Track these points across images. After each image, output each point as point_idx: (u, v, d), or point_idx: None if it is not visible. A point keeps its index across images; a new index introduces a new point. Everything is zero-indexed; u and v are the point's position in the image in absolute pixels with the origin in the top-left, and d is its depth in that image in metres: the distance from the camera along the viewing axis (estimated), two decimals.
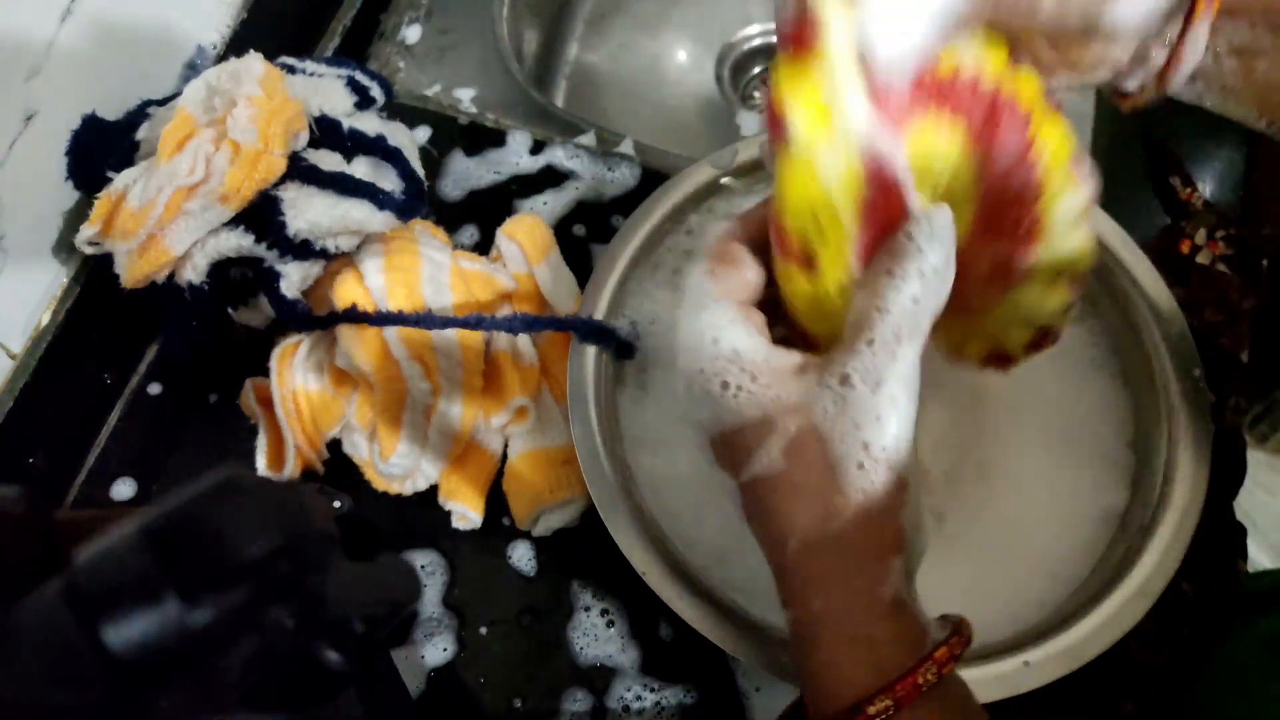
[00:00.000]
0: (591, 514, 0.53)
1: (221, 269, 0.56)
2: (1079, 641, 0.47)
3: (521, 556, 0.58)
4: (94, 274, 0.60)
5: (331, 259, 0.59)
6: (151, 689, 0.22)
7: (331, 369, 0.59)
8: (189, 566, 0.22)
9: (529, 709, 0.55)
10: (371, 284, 0.57)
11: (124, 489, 0.61)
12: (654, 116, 0.88)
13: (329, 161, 0.58)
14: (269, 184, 0.54)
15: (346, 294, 0.57)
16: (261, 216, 0.55)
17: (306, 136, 0.58)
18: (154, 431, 0.63)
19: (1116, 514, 0.53)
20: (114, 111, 0.59)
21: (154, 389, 0.64)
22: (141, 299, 0.57)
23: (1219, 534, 0.55)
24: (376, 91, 0.63)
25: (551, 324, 0.57)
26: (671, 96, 0.89)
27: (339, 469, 0.60)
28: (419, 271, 0.58)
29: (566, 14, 0.89)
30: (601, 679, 0.55)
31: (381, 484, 0.59)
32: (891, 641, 0.34)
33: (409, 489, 0.59)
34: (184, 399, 0.63)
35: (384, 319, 0.55)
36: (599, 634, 0.56)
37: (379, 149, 0.60)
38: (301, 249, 0.56)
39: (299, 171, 0.56)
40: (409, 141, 0.63)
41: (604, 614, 0.56)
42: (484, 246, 0.67)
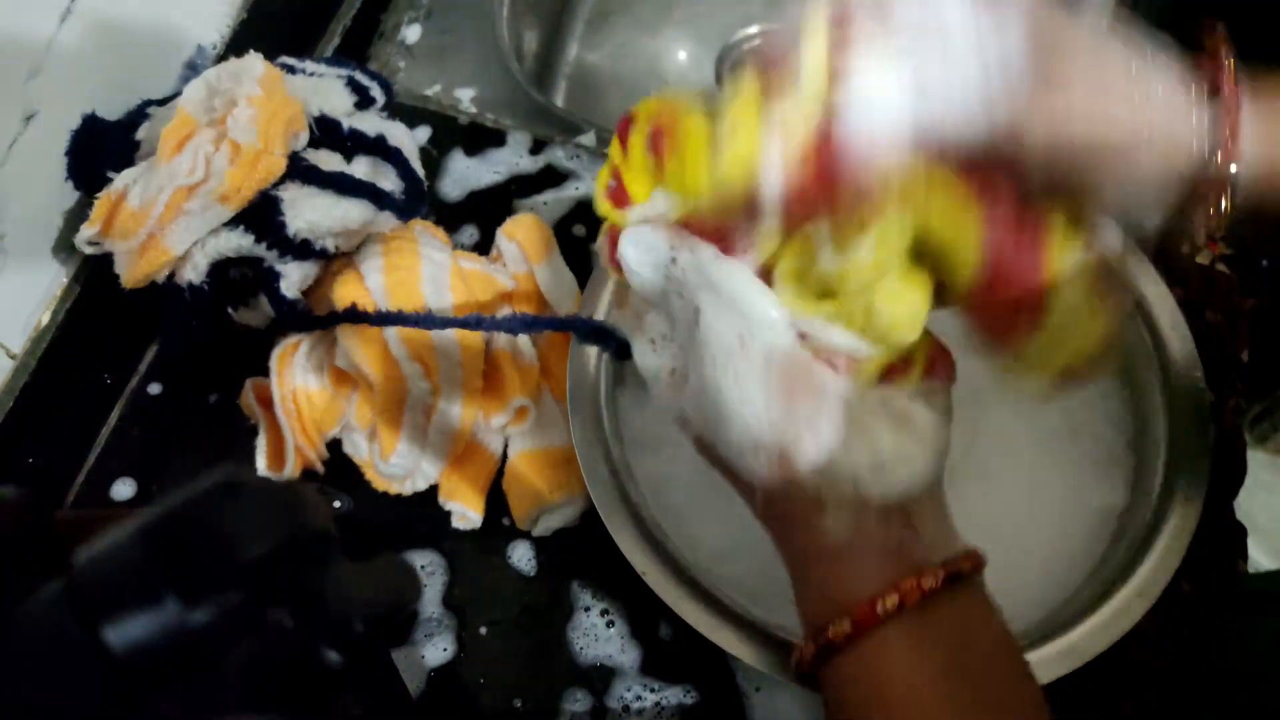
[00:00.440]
0: (591, 514, 0.53)
1: (221, 269, 0.56)
2: (1079, 641, 0.47)
3: (521, 556, 0.58)
4: (94, 274, 0.60)
5: (331, 259, 0.59)
6: (151, 689, 0.22)
7: (331, 369, 0.59)
8: (189, 567, 0.22)
9: (529, 709, 0.55)
10: (371, 284, 0.57)
11: (124, 489, 0.61)
12: None
13: (329, 161, 0.58)
14: (269, 184, 0.54)
15: (346, 294, 0.57)
16: (261, 216, 0.55)
17: (306, 136, 0.58)
18: (154, 431, 0.63)
19: (1116, 514, 0.53)
20: (114, 111, 0.59)
21: (154, 389, 0.64)
22: (141, 299, 0.57)
23: (1219, 534, 0.55)
24: (376, 91, 0.63)
25: (551, 324, 0.57)
26: None
27: (339, 469, 0.60)
28: (419, 271, 0.58)
29: (566, 14, 0.89)
30: (601, 679, 0.55)
31: (381, 484, 0.59)
32: (840, 580, 0.37)
33: (409, 489, 0.59)
34: (184, 399, 0.63)
35: (384, 319, 0.55)
36: (599, 634, 0.56)
37: (379, 149, 0.60)
38: (301, 249, 0.56)
39: (299, 171, 0.56)
40: (409, 141, 0.63)
41: (604, 614, 0.56)
42: (484, 246, 0.66)
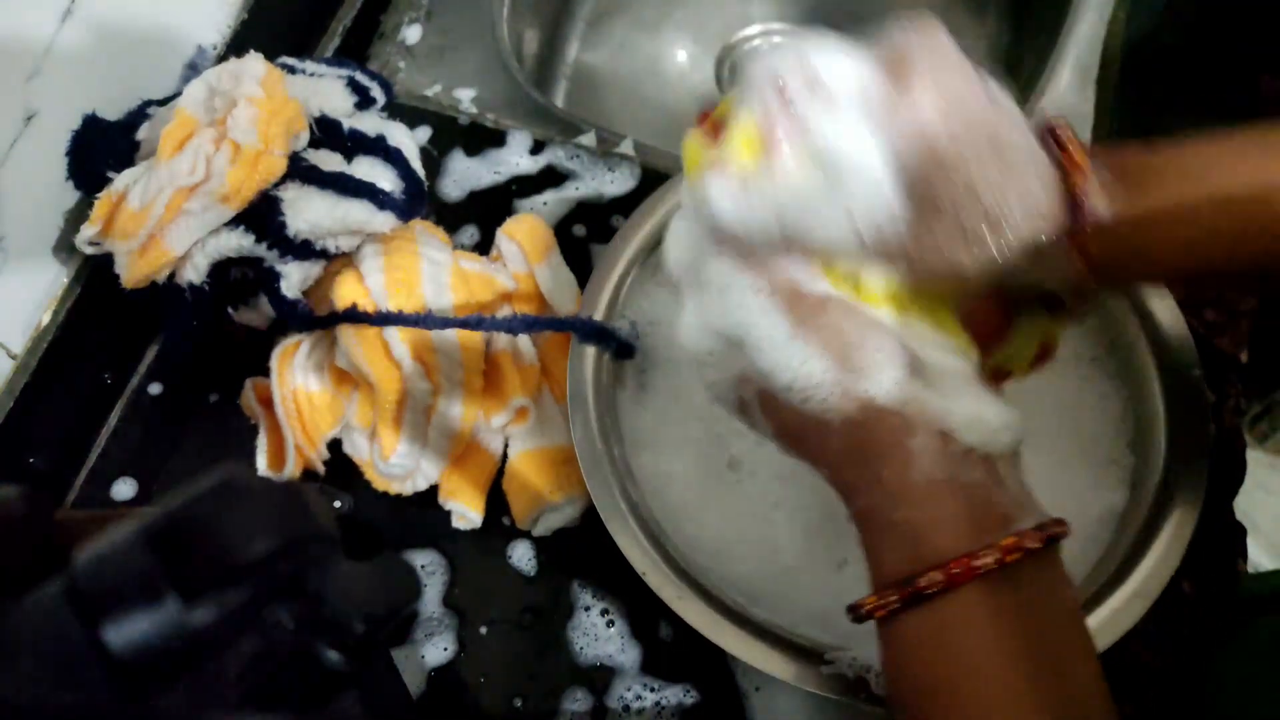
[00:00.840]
0: (591, 514, 0.53)
1: (222, 269, 0.56)
2: None
3: (521, 556, 0.58)
4: (94, 274, 0.60)
5: (332, 259, 0.59)
6: (152, 689, 0.22)
7: (332, 369, 0.59)
8: (189, 566, 0.22)
9: (529, 709, 0.55)
10: (372, 284, 0.57)
11: (124, 489, 0.61)
12: (654, 116, 0.88)
13: (329, 162, 0.58)
14: (269, 184, 0.54)
15: (347, 294, 0.57)
16: (262, 217, 0.55)
17: (307, 137, 0.58)
18: (154, 431, 0.63)
19: (1116, 514, 0.53)
20: (114, 112, 0.59)
21: (154, 389, 0.64)
22: (142, 299, 0.57)
23: (1219, 534, 0.55)
24: (377, 92, 0.63)
25: (551, 324, 0.57)
26: (671, 96, 0.89)
27: (339, 469, 0.60)
28: (419, 271, 0.58)
29: (566, 14, 0.89)
30: (601, 679, 0.55)
31: (381, 484, 0.59)
32: (931, 524, 0.32)
33: (409, 489, 0.59)
34: (184, 399, 0.64)
35: (384, 319, 0.55)
36: (599, 634, 0.56)
37: (379, 149, 0.60)
38: (302, 249, 0.56)
39: (299, 172, 0.56)
40: (409, 141, 0.63)
41: (604, 614, 0.56)
42: (484, 246, 0.66)
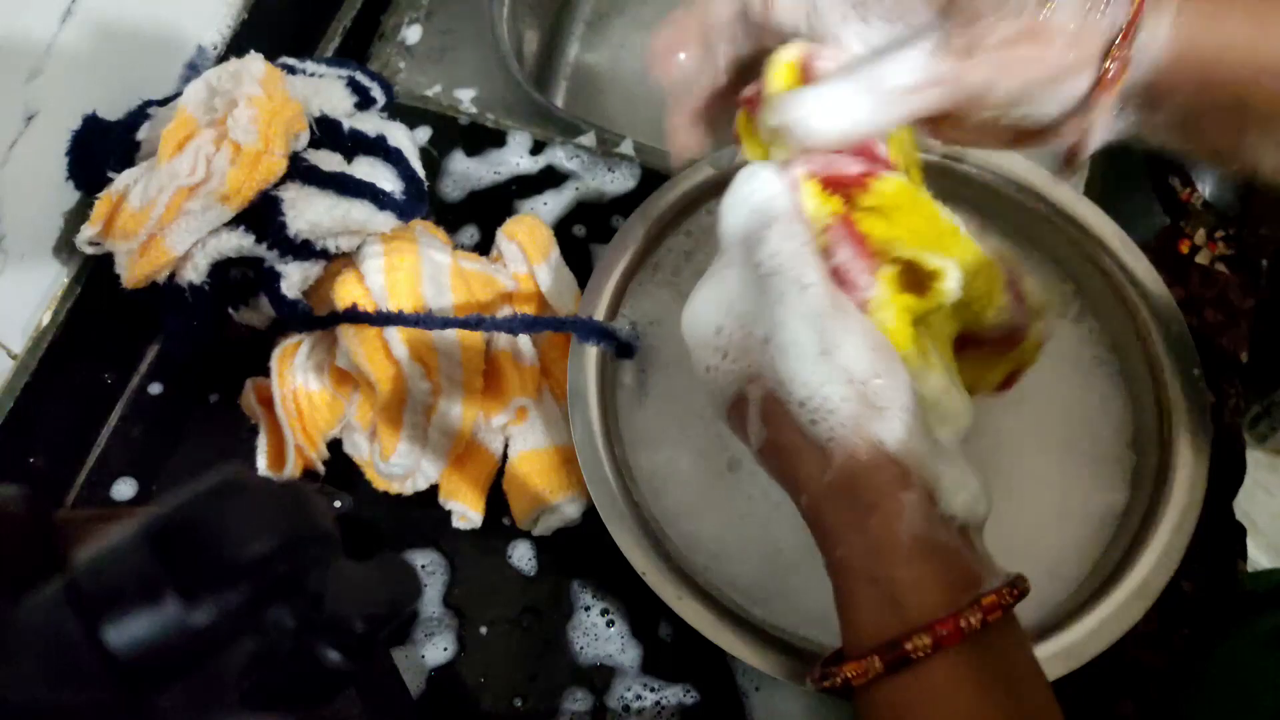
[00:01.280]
0: (591, 514, 0.53)
1: (222, 269, 0.56)
2: (1078, 641, 0.47)
3: (521, 556, 0.58)
4: (94, 274, 0.60)
5: (332, 259, 0.59)
6: (152, 689, 0.22)
7: (332, 369, 0.59)
8: (189, 566, 0.22)
9: (529, 709, 0.55)
10: (372, 284, 0.57)
11: (124, 489, 0.61)
12: (654, 116, 0.88)
13: (329, 162, 0.58)
14: (269, 184, 0.54)
15: (347, 294, 0.57)
16: (262, 217, 0.55)
17: (307, 137, 0.58)
18: (154, 431, 0.63)
19: (1116, 514, 0.53)
20: (114, 112, 0.59)
21: (154, 389, 0.64)
22: (142, 299, 0.57)
23: (1219, 534, 0.55)
24: (377, 92, 0.63)
25: (551, 324, 0.57)
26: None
27: (339, 469, 0.60)
28: (419, 271, 0.58)
29: (566, 14, 0.89)
30: (601, 679, 0.55)
31: (382, 484, 0.59)
32: (913, 585, 0.33)
33: (409, 489, 0.59)
34: (184, 399, 0.64)
35: (384, 319, 0.55)
36: (599, 634, 0.56)
37: (379, 149, 0.60)
38: (302, 249, 0.56)
39: (299, 172, 0.56)
40: (409, 142, 0.63)
41: (604, 614, 0.57)
42: (484, 247, 0.66)
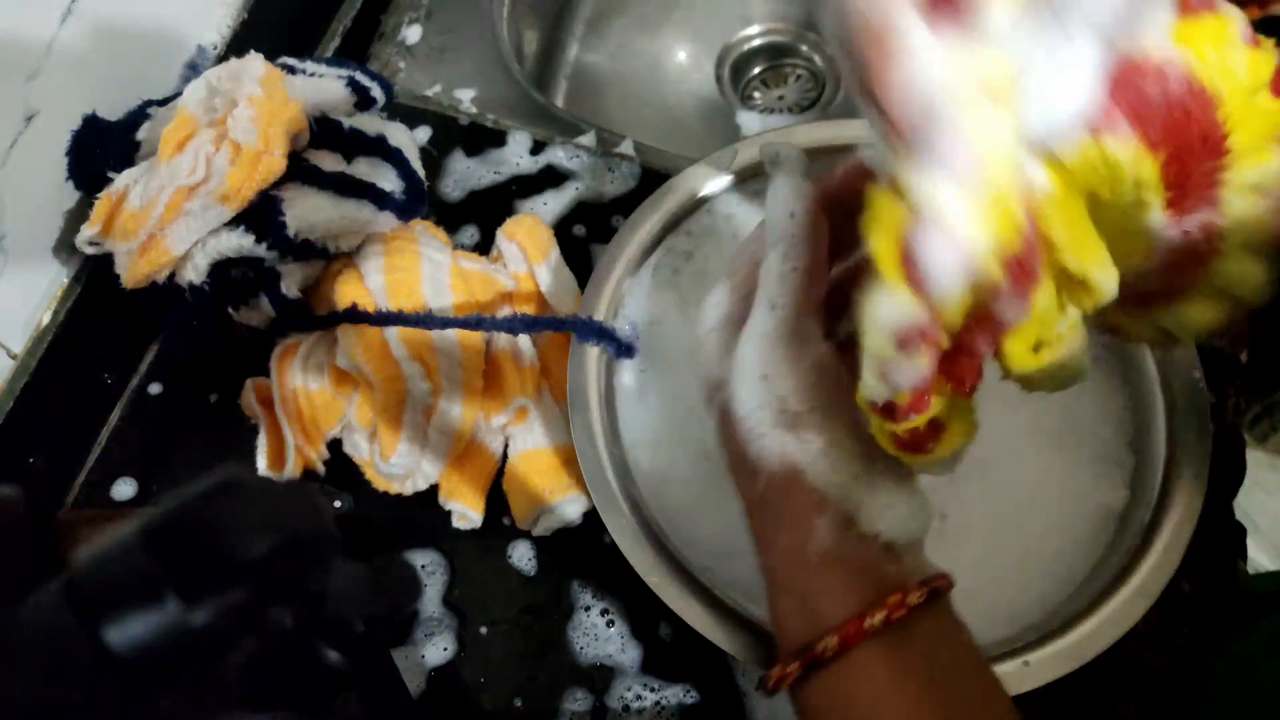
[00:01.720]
0: (591, 514, 0.53)
1: (222, 269, 0.56)
2: (1079, 641, 0.47)
3: (521, 556, 0.58)
4: (94, 274, 0.60)
5: (332, 259, 0.59)
6: (152, 689, 0.22)
7: (332, 369, 0.59)
8: (190, 566, 0.22)
9: (529, 709, 0.55)
10: (372, 284, 0.57)
11: (124, 489, 0.61)
12: (654, 116, 0.88)
13: (329, 162, 0.58)
14: (269, 184, 0.54)
15: (347, 294, 0.57)
16: (262, 217, 0.55)
17: (307, 137, 0.58)
18: (154, 431, 0.63)
19: (1116, 514, 0.53)
20: (114, 111, 0.59)
21: (154, 389, 0.64)
22: (142, 299, 0.57)
23: (1219, 534, 0.55)
24: (377, 92, 0.63)
25: (551, 324, 0.57)
26: (671, 96, 0.89)
27: (339, 469, 0.60)
28: (419, 271, 0.58)
29: (566, 14, 0.89)
30: (601, 679, 0.55)
31: (381, 484, 0.59)
32: (822, 593, 0.36)
33: (409, 489, 0.59)
34: (184, 399, 0.63)
35: (384, 319, 0.55)
36: (599, 634, 0.56)
37: (379, 149, 0.60)
38: (302, 249, 0.56)
39: (299, 172, 0.56)
40: (409, 142, 0.63)
41: (604, 614, 0.57)
42: (484, 247, 0.67)
